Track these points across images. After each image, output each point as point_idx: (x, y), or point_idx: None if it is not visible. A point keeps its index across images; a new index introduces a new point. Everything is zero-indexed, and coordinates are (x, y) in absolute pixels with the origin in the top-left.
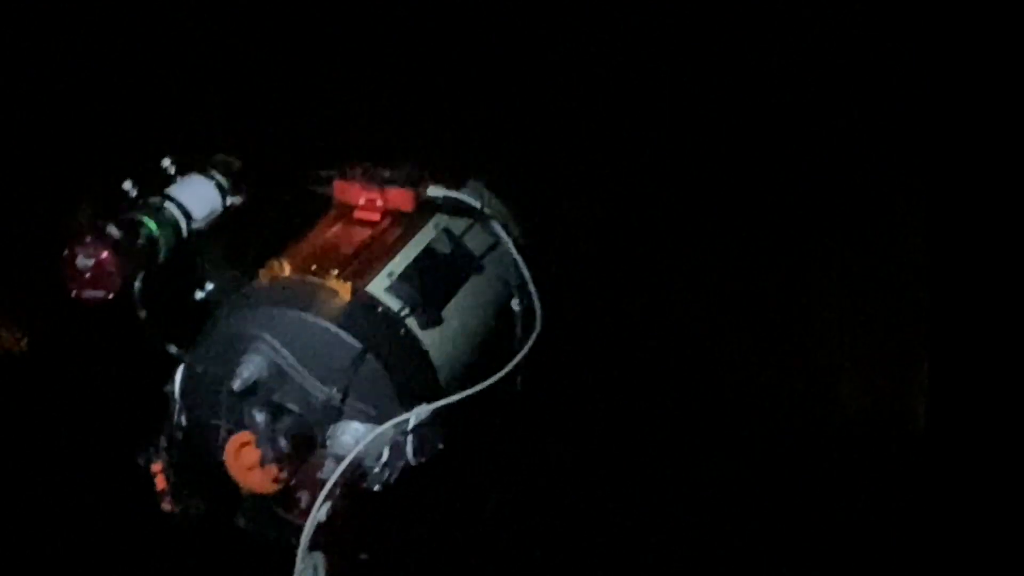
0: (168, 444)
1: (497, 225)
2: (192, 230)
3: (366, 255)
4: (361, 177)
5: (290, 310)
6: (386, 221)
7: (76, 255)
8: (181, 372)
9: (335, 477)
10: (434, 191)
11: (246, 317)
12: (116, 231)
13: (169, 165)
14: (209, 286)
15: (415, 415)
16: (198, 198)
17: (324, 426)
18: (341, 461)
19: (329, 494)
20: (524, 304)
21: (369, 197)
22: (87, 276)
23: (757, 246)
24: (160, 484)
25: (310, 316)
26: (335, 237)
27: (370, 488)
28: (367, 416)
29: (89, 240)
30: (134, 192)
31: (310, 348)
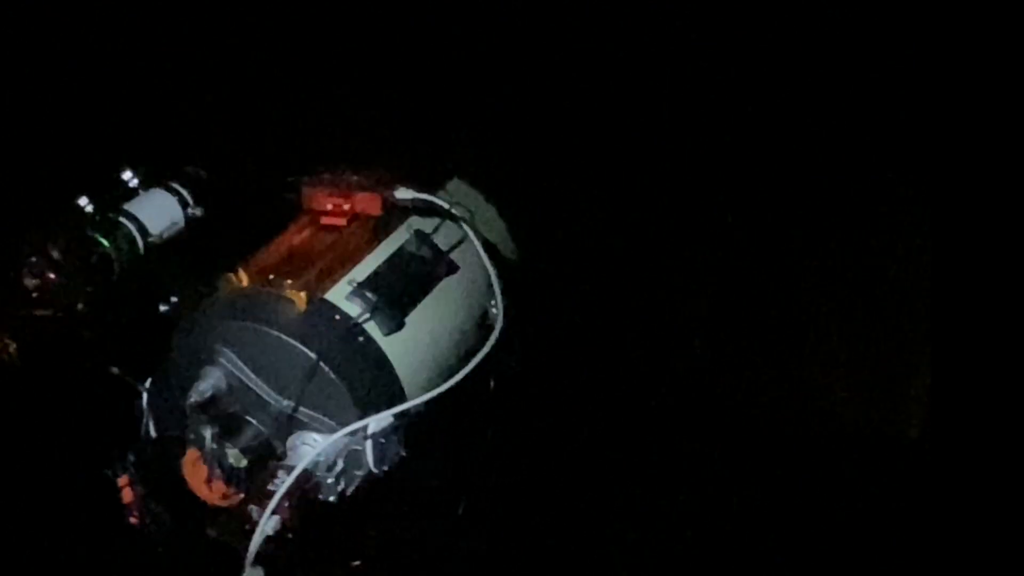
0: (136, 457)
1: (465, 224)
2: (150, 245)
3: (328, 262)
4: (329, 182)
5: (245, 322)
6: (353, 226)
7: (23, 275)
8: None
9: (282, 490)
10: (403, 194)
11: (204, 330)
12: (58, 252)
13: (131, 177)
14: (173, 299)
15: (374, 422)
16: (157, 212)
17: (284, 438)
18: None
19: (278, 507)
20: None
21: (336, 202)
22: (34, 295)
23: (757, 250)
24: (126, 498)
25: (264, 328)
26: (300, 245)
27: (325, 499)
28: (325, 426)
29: (34, 260)
30: (90, 208)
31: (266, 360)
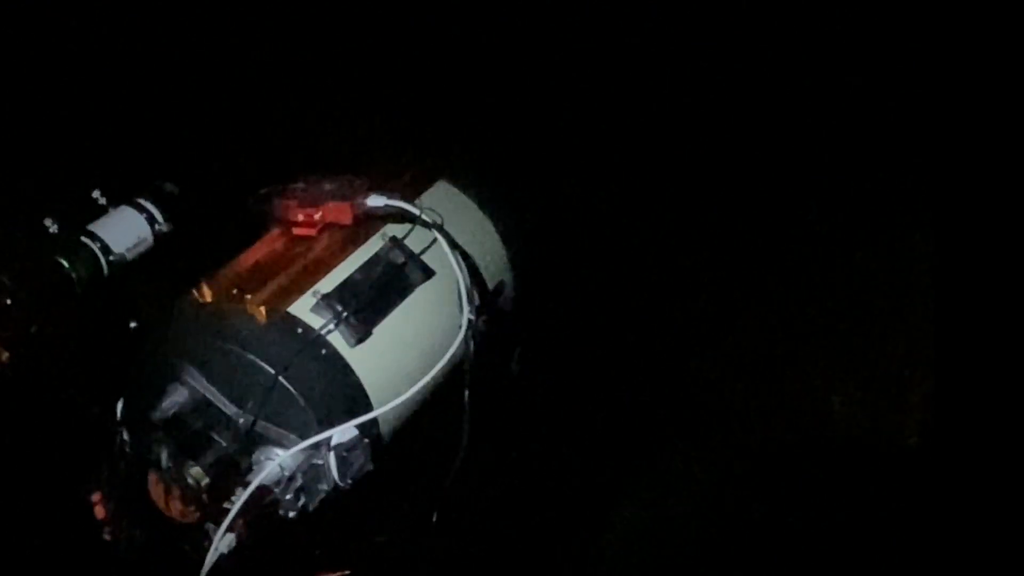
0: (110, 474)
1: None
2: (114, 263)
3: (295, 274)
4: (299, 193)
5: (207, 338)
6: (325, 236)
7: None
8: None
9: (236, 508)
10: (374, 201)
11: (168, 346)
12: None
13: (99, 196)
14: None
15: (337, 434)
16: (122, 231)
17: (248, 454)
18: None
19: (233, 524)
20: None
21: (307, 213)
22: None
23: (757, 254)
24: (99, 514)
25: (225, 343)
26: (267, 257)
27: (285, 515)
28: (290, 441)
29: None
30: (54, 228)
31: (228, 376)
